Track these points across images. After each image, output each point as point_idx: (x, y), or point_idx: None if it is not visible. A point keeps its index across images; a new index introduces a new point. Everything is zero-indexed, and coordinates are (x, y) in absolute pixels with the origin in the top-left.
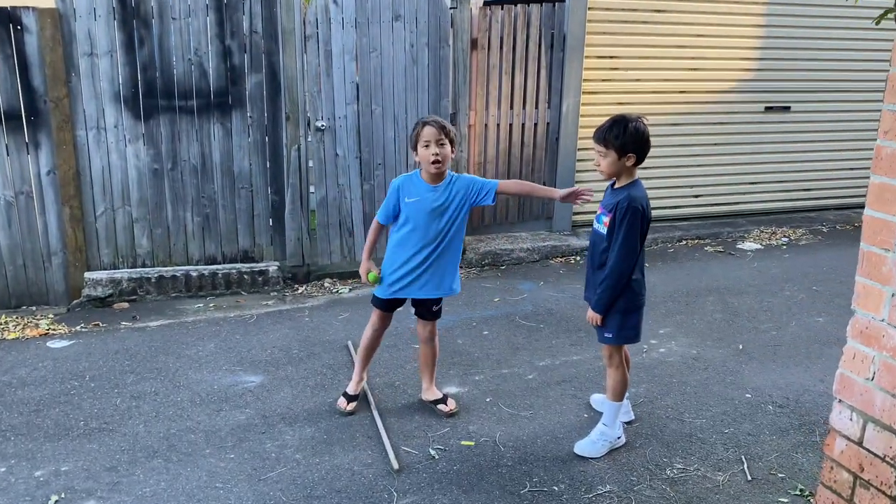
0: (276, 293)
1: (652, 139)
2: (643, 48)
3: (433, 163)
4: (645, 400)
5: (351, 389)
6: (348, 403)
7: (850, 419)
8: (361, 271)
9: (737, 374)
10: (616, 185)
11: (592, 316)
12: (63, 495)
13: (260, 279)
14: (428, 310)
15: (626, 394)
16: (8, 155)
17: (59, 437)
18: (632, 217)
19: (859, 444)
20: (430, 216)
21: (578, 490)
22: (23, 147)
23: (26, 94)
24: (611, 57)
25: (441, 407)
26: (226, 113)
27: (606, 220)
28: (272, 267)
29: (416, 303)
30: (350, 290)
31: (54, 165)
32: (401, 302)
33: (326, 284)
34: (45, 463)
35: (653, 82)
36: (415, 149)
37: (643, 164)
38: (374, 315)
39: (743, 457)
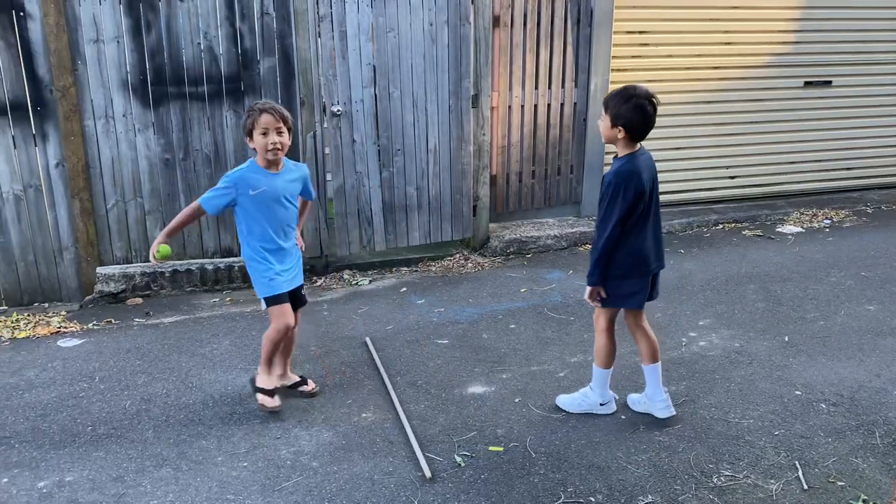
0: None
1: (685, 118)
2: (675, 22)
3: (270, 150)
4: (687, 399)
5: (272, 383)
6: (272, 398)
7: None
8: (153, 248)
9: (784, 369)
10: (617, 157)
11: (590, 292)
12: None
13: None
14: (298, 296)
15: (665, 390)
16: (15, 148)
17: (64, 444)
18: (611, 191)
19: None
20: (278, 203)
21: (617, 501)
22: (30, 139)
23: (31, 83)
24: (641, 32)
25: (304, 388)
26: (238, 99)
27: None
28: None
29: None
30: (370, 281)
31: (63, 157)
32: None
33: (345, 276)
34: (49, 473)
35: (685, 58)
36: (249, 136)
37: (677, 145)
38: (279, 311)
39: (797, 462)
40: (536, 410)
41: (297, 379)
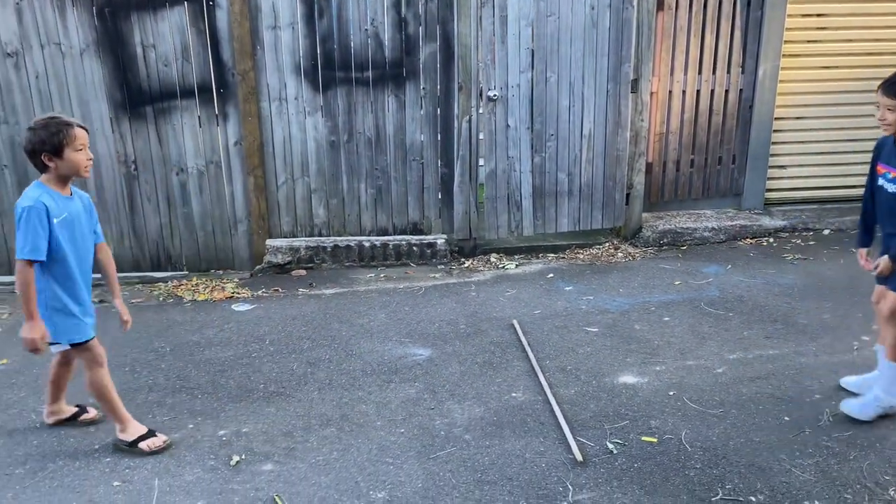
0: (442, 266)
1: (863, 107)
2: (857, 4)
3: (86, 168)
4: None
5: (138, 427)
6: (157, 436)
7: None
8: (37, 336)
9: None
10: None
11: (889, 265)
12: (244, 456)
13: (428, 251)
14: None
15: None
16: (200, 126)
17: (240, 398)
18: None
19: None
20: (82, 227)
21: (781, 503)
22: (213, 119)
23: (216, 67)
24: (818, 15)
25: (85, 416)
26: (400, 84)
27: None
28: (440, 240)
29: None
30: (517, 265)
31: (241, 136)
32: None
33: (492, 259)
34: (228, 423)
35: (868, 43)
36: (58, 153)
37: (851, 137)
38: (97, 350)
39: None
40: (692, 405)
41: (75, 409)
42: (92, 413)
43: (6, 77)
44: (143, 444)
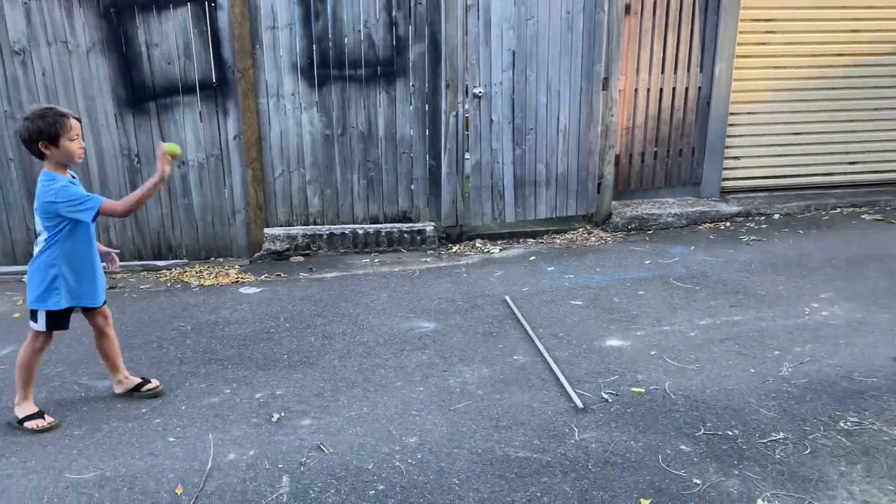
0: (432, 251)
1: (806, 103)
2: (802, 10)
3: (80, 154)
4: (812, 359)
5: (31, 408)
6: (44, 419)
7: None
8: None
9: None
10: None
11: None
12: (283, 414)
13: (418, 238)
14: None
15: None
16: (201, 121)
17: (268, 367)
18: None
19: None
20: None
21: (752, 435)
22: (214, 114)
23: (217, 65)
24: (767, 20)
25: (149, 386)
26: (391, 82)
27: None
28: (429, 227)
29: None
30: (500, 250)
31: (240, 131)
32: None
33: (478, 244)
34: (262, 388)
35: (810, 45)
36: (53, 142)
37: (796, 130)
38: (46, 338)
39: None
40: (671, 362)
41: (140, 380)
42: (154, 384)
43: (13, 74)
44: (28, 424)
